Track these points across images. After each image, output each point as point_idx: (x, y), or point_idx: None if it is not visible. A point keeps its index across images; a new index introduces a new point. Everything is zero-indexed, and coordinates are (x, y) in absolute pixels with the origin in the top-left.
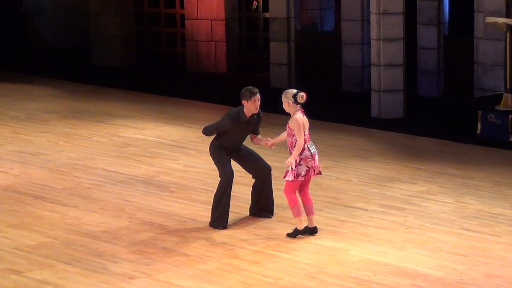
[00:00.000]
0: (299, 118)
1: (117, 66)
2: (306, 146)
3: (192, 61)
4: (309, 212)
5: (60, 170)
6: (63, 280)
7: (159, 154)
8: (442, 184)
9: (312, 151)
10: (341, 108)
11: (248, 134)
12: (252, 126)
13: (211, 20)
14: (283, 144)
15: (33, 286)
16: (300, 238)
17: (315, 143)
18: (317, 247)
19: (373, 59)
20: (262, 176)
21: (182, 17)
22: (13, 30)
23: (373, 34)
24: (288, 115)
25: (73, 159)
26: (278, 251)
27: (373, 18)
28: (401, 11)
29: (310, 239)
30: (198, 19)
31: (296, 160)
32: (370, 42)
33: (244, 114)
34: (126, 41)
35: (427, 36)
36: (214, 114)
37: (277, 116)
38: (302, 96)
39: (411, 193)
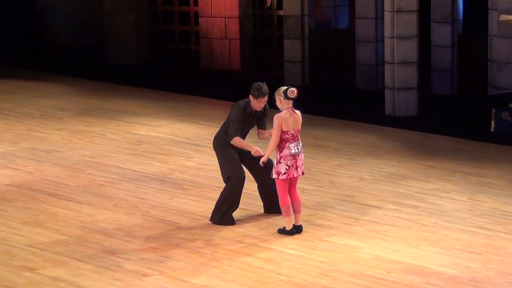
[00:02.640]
0: (281, 116)
1: (131, 63)
2: (287, 145)
3: (206, 58)
4: (295, 210)
5: (74, 168)
6: (76, 277)
7: (172, 152)
8: (456, 182)
9: (293, 151)
10: (355, 106)
11: (251, 128)
12: (256, 120)
13: (225, 17)
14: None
15: (46, 283)
16: (314, 235)
17: (329, 140)
18: (330, 244)
19: (387, 57)
20: (261, 177)
21: (196, 14)
22: (28, 28)
23: (387, 32)
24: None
25: (87, 156)
26: (292, 249)
27: (387, 15)
28: (415, 9)
29: (323, 236)
30: (212, 16)
31: (277, 158)
32: (384, 40)
33: (250, 106)
34: (140, 38)
35: (441, 34)
36: (227, 112)
37: None
38: (293, 91)
39: (424, 191)
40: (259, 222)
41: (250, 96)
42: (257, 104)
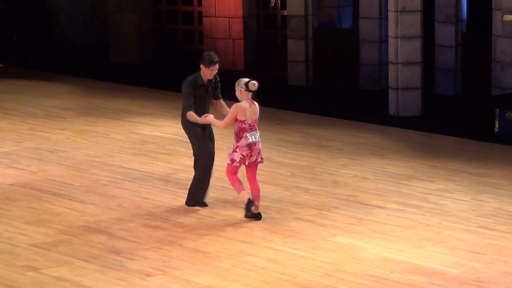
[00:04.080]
0: (239, 106)
1: (135, 63)
2: (244, 135)
3: None
4: (254, 198)
5: (78, 167)
6: (80, 277)
7: (176, 152)
8: (459, 182)
9: (250, 141)
10: (359, 106)
11: (210, 100)
12: (211, 91)
13: (229, 17)
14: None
15: (50, 283)
16: (317, 235)
17: (332, 140)
18: (334, 244)
19: (391, 57)
20: (204, 160)
21: (200, 14)
22: (32, 28)
23: (391, 32)
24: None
25: (90, 156)
26: (295, 248)
27: (391, 15)
28: (419, 9)
29: (327, 236)
30: (215, 16)
31: (233, 146)
32: (387, 40)
33: (201, 77)
34: (144, 38)
35: (445, 34)
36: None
37: (294, 114)
38: (254, 84)
39: (428, 191)
40: (263, 222)
41: (201, 66)
42: (209, 72)
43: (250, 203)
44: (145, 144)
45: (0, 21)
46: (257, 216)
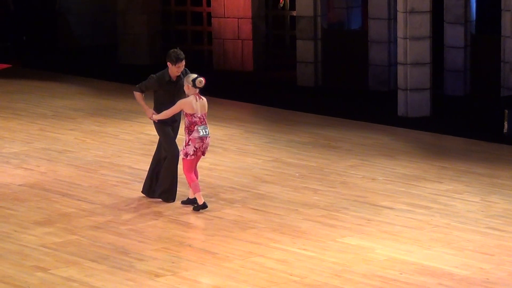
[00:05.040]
0: (184, 101)
1: (144, 64)
2: (196, 128)
3: (219, 59)
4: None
5: (87, 168)
6: (89, 277)
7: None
8: (468, 183)
9: (201, 134)
10: (368, 107)
11: (179, 96)
12: (181, 86)
13: (238, 18)
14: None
15: (59, 283)
16: (326, 236)
17: (341, 141)
18: (343, 245)
19: (400, 57)
20: (162, 156)
21: (209, 15)
22: (44, 28)
23: (400, 32)
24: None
25: (99, 156)
26: (304, 249)
27: (400, 16)
28: (428, 10)
29: (336, 237)
30: (224, 17)
31: (185, 140)
32: (396, 40)
33: (169, 74)
34: (153, 39)
35: (454, 34)
36: (240, 112)
37: (303, 115)
38: (201, 81)
39: (437, 192)
40: (272, 223)
41: (168, 63)
42: (176, 69)
43: (204, 205)
44: (154, 145)
45: (10, 21)
46: (204, 206)
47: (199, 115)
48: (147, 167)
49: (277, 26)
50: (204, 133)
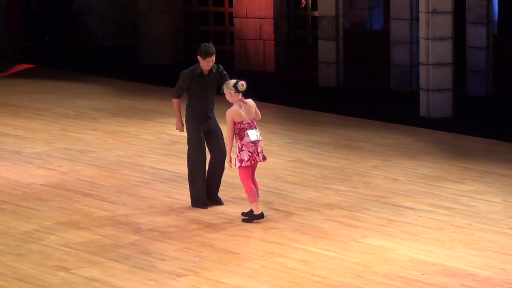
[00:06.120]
0: (232, 111)
1: (165, 64)
2: (246, 133)
3: (241, 59)
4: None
5: (109, 168)
6: (111, 277)
7: (206, 152)
8: (490, 183)
9: (252, 138)
10: (389, 107)
11: (213, 92)
12: (215, 82)
13: (260, 18)
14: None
15: (81, 283)
16: (348, 236)
17: (363, 141)
18: (364, 246)
19: (422, 58)
20: (214, 158)
21: (231, 15)
22: (63, 29)
23: (422, 33)
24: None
25: (121, 156)
26: (326, 250)
27: (422, 17)
28: (450, 10)
29: (358, 237)
30: (246, 17)
31: (238, 147)
32: (418, 41)
33: (200, 67)
34: (175, 39)
35: (476, 35)
36: (262, 112)
37: (325, 115)
38: (242, 84)
39: (459, 193)
40: (293, 223)
41: (198, 57)
42: (205, 63)
43: (261, 216)
44: (176, 145)
45: (33, 21)
46: (261, 216)
47: (247, 121)
48: (168, 167)
49: (299, 26)
50: (256, 138)
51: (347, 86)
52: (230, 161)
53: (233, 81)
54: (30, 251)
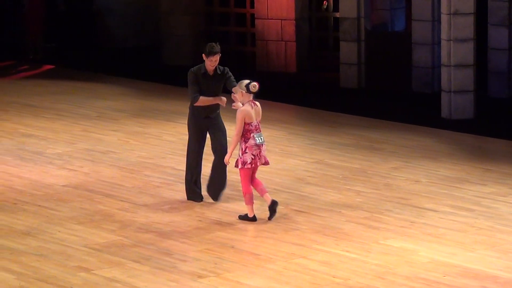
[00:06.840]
0: (244, 110)
1: (187, 65)
2: (252, 136)
3: (262, 60)
4: (262, 192)
5: (130, 169)
6: (132, 278)
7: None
8: None
9: (257, 142)
10: (411, 109)
11: (219, 91)
12: (219, 83)
13: (281, 19)
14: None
15: (102, 284)
16: (369, 238)
17: (385, 143)
18: (386, 247)
19: (444, 59)
20: (218, 155)
21: (252, 16)
22: (84, 29)
23: (444, 34)
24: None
25: (143, 157)
26: (347, 251)
27: (444, 18)
28: (472, 12)
29: (379, 239)
30: (268, 18)
31: (242, 149)
32: (440, 42)
33: (205, 67)
34: (196, 40)
35: (498, 36)
36: (283, 114)
37: (346, 116)
38: (255, 85)
39: (481, 194)
40: (314, 224)
41: (203, 55)
42: (209, 62)
43: (254, 218)
44: None
45: (55, 22)
46: (273, 207)
47: (255, 123)
48: None
49: (320, 27)
50: (261, 141)
51: (368, 87)
52: (229, 159)
53: (246, 81)
54: (52, 251)
